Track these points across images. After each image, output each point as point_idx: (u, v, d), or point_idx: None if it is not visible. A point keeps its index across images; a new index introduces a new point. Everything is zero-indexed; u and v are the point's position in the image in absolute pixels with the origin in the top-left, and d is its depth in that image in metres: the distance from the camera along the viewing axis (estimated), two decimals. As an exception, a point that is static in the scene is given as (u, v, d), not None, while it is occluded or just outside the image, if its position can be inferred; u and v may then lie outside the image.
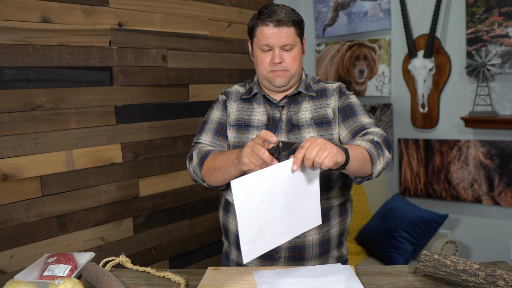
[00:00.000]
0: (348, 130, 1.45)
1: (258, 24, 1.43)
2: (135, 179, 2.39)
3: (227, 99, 1.56)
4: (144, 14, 2.39)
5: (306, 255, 1.46)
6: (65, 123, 2.09)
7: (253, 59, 1.52)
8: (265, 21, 1.41)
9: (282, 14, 1.40)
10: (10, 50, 1.90)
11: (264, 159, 1.15)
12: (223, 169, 1.35)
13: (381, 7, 3.04)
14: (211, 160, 1.41)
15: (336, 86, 1.53)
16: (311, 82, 1.55)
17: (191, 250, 2.71)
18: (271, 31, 1.40)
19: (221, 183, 1.44)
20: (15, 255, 1.94)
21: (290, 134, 1.46)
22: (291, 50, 1.43)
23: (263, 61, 1.44)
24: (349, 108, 1.48)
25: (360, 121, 1.44)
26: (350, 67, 3.24)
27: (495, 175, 2.71)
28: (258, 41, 1.44)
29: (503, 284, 1.13)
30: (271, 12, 1.41)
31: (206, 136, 1.52)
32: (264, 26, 1.41)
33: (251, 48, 1.52)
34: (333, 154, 1.12)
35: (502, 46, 2.59)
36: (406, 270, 1.33)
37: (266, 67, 1.44)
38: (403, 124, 3.08)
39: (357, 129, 1.43)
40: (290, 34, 1.41)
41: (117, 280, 1.22)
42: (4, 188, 1.90)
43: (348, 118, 1.46)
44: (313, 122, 1.46)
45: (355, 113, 1.47)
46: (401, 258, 2.55)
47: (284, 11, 1.41)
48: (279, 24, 1.39)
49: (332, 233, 1.49)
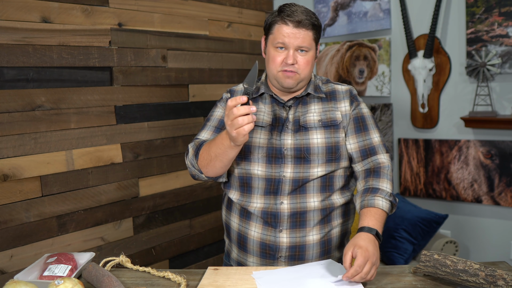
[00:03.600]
0: (358, 145, 1.47)
1: (278, 21, 1.40)
2: (135, 179, 2.39)
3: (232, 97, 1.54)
4: (144, 14, 2.39)
5: (307, 255, 1.46)
6: (65, 123, 2.09)
7: (264, 56, 1.49)
8: (286, 19, 1.38)
9: (304, 16, 1.38)
10: (10, 50, 1.90)
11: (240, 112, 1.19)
12: (220, 156, 1.34)
13: (381, 7, 3.04)
14: (205, 151, 1.40)
15: (346, 89, 1.52)
16: (319, 83, 1.54)
17: (191, 250, 2.71)
18: (289, 31, 1.37)
19: (220, 171, 1.42)
20: (15, 255, 1.94)
21: (297, 134, 1.45)
22: (306, 54, 1.41)
23: (275, 59, 1.41)
24: (362, 120, 1.49)
25: (371, 139, 1.47)
26: (350, 67, 3.24)
27: (495, 175, 2.71)
28: (274, 39, 1.40)
29: (503, 284, 1.13)
30: (293, 12, 1.38)
31: (205, 133, 1.51)
32: (283, 24, 1.38)
33: (264, 44, 1.49)
34: (377, 267, 1.24)
35: (502, 46, 2.59)
36: (406, 270, 1.33)
37: (277, 66, 1.41)
38: (403, 124, 3.08)
39: (367, 147, 1.46)
40: (308, 37, 1.39)
41: (117, 280, 1.22)
42: (4, 188, 1.90)
43: (361, 132, 1.48)
44: (321, 124, 1.46)
45: (367, 127, 1.49)
46: (401, 258, 2.55)
47: (306, 13, 1.39)
48: (299, 26, 1.37)
49: (333, 234, 1.49)
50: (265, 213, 1.45)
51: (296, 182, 1.43)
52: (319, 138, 1.44)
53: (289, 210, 1.43)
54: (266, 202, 1.45)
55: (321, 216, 1.45)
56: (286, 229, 1.44)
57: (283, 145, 1.44)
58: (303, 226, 1.44)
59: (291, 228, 1.44)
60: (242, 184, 1.49)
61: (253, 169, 1.45)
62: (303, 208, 1.44)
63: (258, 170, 1.45)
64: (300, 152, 1.43)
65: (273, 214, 1.44)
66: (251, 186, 1.47)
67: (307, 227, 1.44)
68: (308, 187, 1.44)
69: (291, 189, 1.43)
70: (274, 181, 1.44)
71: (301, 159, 1.43)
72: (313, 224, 1.45)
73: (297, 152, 1.43)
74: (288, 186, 1.43)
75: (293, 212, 1.44)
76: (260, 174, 1.45)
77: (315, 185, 1.45)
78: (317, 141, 1.44)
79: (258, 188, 1.46)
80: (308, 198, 1.45)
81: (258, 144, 1.45)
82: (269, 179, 1.44)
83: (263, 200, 1.46)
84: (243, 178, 1.48)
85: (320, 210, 1.45)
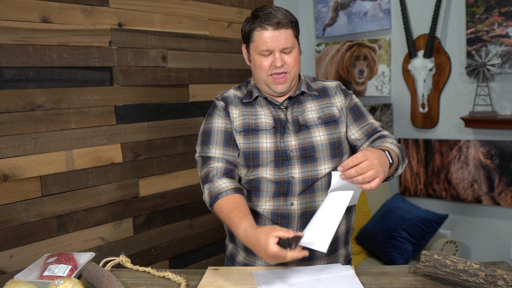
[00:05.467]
0: (361, 131, 1.49)
1: (255, 28, 1.38)
2: (135, 179, 2.39)
3: (228, 104, 1.50)
4: (144, 14, 2.39)
5: (316, 254, 1.46)
6: (65, 123, 2.09)
7: (249, 64, 1.48)
8: (263, 24, 1.36)
9: (280, 16, 1.37)
10: (10, 50, 1.90)
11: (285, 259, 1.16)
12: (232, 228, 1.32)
13: (381, 7, 3.04)
14: (223, 212, 1.36)
15: (335, 85, 1.55)
16: (309, 81, 1.55)
17: (191, 250, 2.71)
18: (270, 34, 1.36)
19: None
20: (15, 255, 1.94)
21: (299, 134, 1.45)
22: (291, 52, 1.41)
23: (262, 65, 1.40)
24: (357, 109, 1.52)
25: (371, 123, 1.50)
26: (350, 67, 3.24)
27: (495, 175, 2.71)
28: (257, 47, 1.39)
29: (503, 284, 1.13)
30: (268, 15, 1.37)
31: (215, 149, 1.45)
32: (262, 30, 1.37)
33: (246, 53, 1.48)
34: (380, 179, 1.17)
35: (502, 46, 2.59)
36: (406, 270, 1.33)
37: (266, 71, 1.41)
38: (403, 124, 3.08)
39: (370, 130, 1.48)
40: (289, 36, 1.39)
41: (117, 280, 1.22)
42: (4, 188, 1.90)
43: (360, 119, 1.50)
44: (321, 121, 1.46)
45: (363, 114, 1.52)
46: (401, 258, 2.55)
47: (281, 13, 1.38)
48: (278, 27, 1.36)
49: (339, 232, 1.50)
50: (275, 214, 1.44)
51: (305, 182, 1.43)
52: (322, 135, 1.45)
53: (299, 211, 1.43)
54: (275, 204, 1.45)
55: None
56: (296, 229, 1.43)
57: (287, 147, 1.43)
58: None
59: (301, 228, 1.43)
60: (250, 188, 1.48)
61: (262, 174, 1.44)
62: (313, 207, 1.44)
63: (267, 174, 1.44)
64: (305, 151, 1.43)
65: (283, 216, 1.44)
66: (259, 190, 1.46)
67: None
68: (317, 186, 1.45)
69: (301, 189, 1.43)
70: (283, 183, 1.43)
71: (307, 158, 1.43)
72: None
73: (302, 152, 1.43)
74: (298, 187, 1.43)
75: (303, 212, 1.44)
76: (269, 177, 1.44)
77: (323, 183, 1.45)
78: (320, 139, 1.44)
79: (267, 191, 1.45)
80: (317, 197, 1.45)
81: (266, 149, 1.44)
82: (279, 181, 1.43)
83: (272, 202, 1.45)
84: (251, 182, 1.47)
85: None
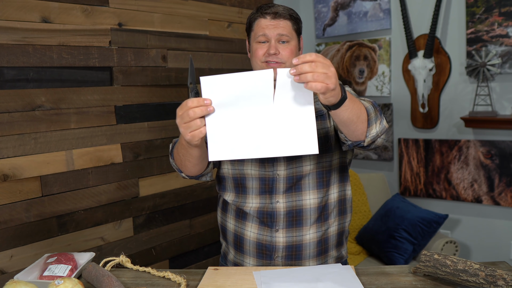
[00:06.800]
0: None
1: (256, 17, 1.43)
2: (135, 179, 2.39)
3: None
4: (144, 14, 2.39)
5: (304, 255, 1.45)
6: (65, 123, 2.09)
7: (249, 56, 1.50)
8: (263, 13, 1.41)
9: (280, 8, 1.42)
10: (10, 50, 1.90)
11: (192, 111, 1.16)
12: (186, 156, 1.32)
13: (381, 7, 3.04)
14: (176, 150, 1.39)
15: None
16: None
17: (191, 250, 2.71)
18: (268, 22, 1.40)
19: (194, 170, 1.39)
20: (15, 255, 1.94)
21: None
22: (288, 44, 1.41)
23: (257, 52, 1.41)
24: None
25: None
26: (350, 67, 3.24)
27: (495, 175, 2.71)
28: (255, 34, 1.43)
29: (503, 284, 1.13)
30: (270, 7, 1.42)
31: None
32: (261, 18, 1.41)
33: (248, 45, 1.50)
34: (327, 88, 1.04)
35: (502, 46, 2.59)
36: (406, 270, 1.33)
37: (260, 57, 1.40)
38: (403, 124, 3.08)
39: None
40: (287, 26, 1.41)
41: (117, 280, 1.22)
42: (4, 188, 1.90)
43: None
44: None
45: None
46: (401, 258, 2.55)
47: (282, 7, 1.43)
48: (276, 16, 1.40)
49: (330, 232, 1.49)
50: (261, 212, 1.45)
51: (290, 180, 1.43)
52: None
53: (285, 209, 1.43)
54: (261, 201, 1.45)
55: (318, 214, 1.44)
56: (282, 228, 1.43)
57: None
58: (300, 225, 1.44)
59: (288, 227, 1.43)
60: (236, 185, 1.49)
61: (246, 169, 1.45)
62: (299, 206, 1.43)
63: (251, 170, 1.45)
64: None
65: (269, 214, 1.44)
66: (245, 187, 1.47)
67: (304, 226, 1.44)
68: (304, 184, 1.44)
69: (286, 187, 1.43)
70: (268, 180, 1.44)
71: None
72: (310, 223, 1.44)
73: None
74: (282, 184, 1.43)
75: (289, 211, 1.43)
76: (254, 173, 1.45)
77: (311, 181, 1.44)
78: None
79: (253, 188, 1.46)
80: (304, 195, 1.44)
81: None
82: (263, 178, 1.44)
83: (258, 199, 1.45)
84: (237, 179, 1.48)
85: (316, 208, 1.44)
